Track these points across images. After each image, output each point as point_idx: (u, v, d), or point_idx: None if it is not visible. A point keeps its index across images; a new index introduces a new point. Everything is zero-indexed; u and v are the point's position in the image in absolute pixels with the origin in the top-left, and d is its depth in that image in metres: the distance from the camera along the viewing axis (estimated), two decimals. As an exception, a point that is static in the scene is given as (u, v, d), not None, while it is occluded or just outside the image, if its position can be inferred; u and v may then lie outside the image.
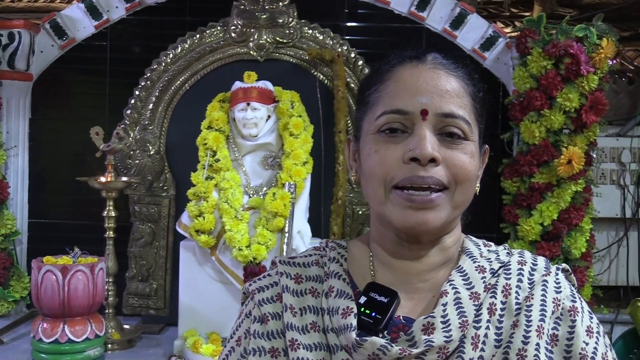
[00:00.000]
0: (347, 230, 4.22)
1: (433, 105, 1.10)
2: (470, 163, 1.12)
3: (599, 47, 3.76)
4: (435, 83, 1.12)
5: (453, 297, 1.11)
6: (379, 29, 4.33)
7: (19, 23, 4.21)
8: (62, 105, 4.48)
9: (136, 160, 4.26)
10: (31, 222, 4.45)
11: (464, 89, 1.15)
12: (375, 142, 1.13)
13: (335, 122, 4.12)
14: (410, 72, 1.14)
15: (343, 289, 1.15)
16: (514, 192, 3.90)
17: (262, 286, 1.21)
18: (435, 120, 1.10)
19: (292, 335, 1.12)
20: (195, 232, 3.71)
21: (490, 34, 4.19)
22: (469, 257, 1.18)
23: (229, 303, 3.75)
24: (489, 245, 1.25)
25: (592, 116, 3.73)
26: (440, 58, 1.16)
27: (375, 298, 1.13)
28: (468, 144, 1.12)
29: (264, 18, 4.23)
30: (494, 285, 1.15)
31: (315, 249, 1.27)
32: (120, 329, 3.92)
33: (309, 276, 1.20)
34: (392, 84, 1.15)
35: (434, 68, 1.14)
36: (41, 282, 3.23)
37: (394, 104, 1.12)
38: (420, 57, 1.16)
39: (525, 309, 1.11)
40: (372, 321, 1.11)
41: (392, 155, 1.10)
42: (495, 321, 1.11)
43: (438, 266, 1.17)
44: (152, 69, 4.29)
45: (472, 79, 1.18)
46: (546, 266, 1.19)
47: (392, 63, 1.17)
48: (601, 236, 4.28)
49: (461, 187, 1.11)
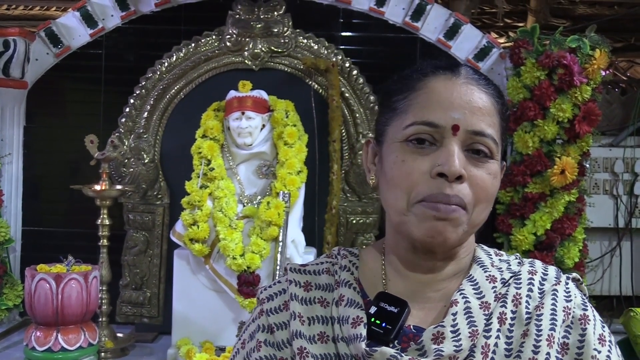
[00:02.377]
0: (341, 239, 4.23)
1: (465, 121, 1.09)
2: (492, 184, 1.12)
3: (592, 57, 3.78)
4: (468, 99, 1.12)
5: (463, 306, 1.11)
6: (374, 39, 4.34)
7: (14, 31, 4.21)
8: (56, 113, 4.48)
9: (130, 169, 4.26)
10: (25, 230, 4.44)
11: (494, 106, 1.14)
12: (403, 152, 1.11)
13: (329, 132, 4.13)
14: (444, 84, 1.13)
15: (353, 298, 1.15)
16: (507, 201, 3.92)
17: (271, 294, 1.20)
18: (465, 136, 1.09)
19: (300, 343, 1.12)
20: (189, 241, 3.71)
21: (484, 45, 4.21)
22: (480, 266, 1.18)
23: (223, 312, 3.74)
24: (500, 254, 1.24)
25: (585, 126, 3.75)
26: (473, 73, 1.16)
27: (386, 308, 1.13)
28: (492, 163, 1.12)
29: (259, 27, 4.25)
30: (505, 295, 1.14)
31: (327, 256, 1.26)
32: (113, 338, 3.91)
33: (318, 284, 1.19)
34: (423, 94, 1.13)
35: (468, 83, 1.14)
36: (35, 290, 3.22)
37: (425, 116, 1.11)
38: (454, 69, 1.15)
39: (536, 318, 1.11)
40: (382, 331, 1.10)
41: (419, 167, 1.09)
42: (505, 331, 1.10)
43: (451, 276, 1.17)
44: (147, 77, 4.29)
45: (501, 97, 1.18)
46: (557, 275, 1.19)
47: (424, 72, 1.16)
48: (594, 246, 4.30)
49: (479, 206, 1.11)
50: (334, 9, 4.34)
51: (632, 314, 3.32)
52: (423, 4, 4.22)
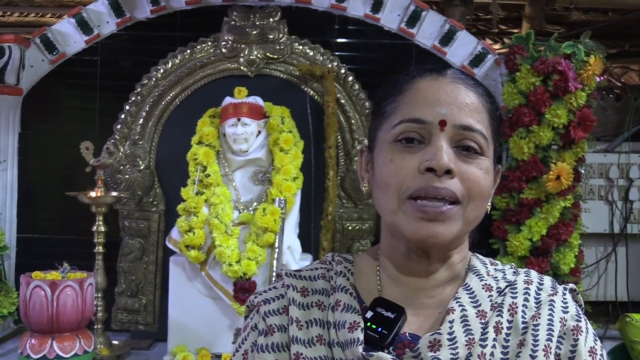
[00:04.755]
0: (337, 245, 4.23)
1: (452, 116, 1.10)
2: (485, 179, 1.12)
3: (587, 64, 3.79)
4: (455, 96, 1.13)
5: (460, 314, 1.11)
6: (369, 45, 4.35)
7: (10, 38, 4.21)
8: (52, 119, 4.48)
9: (126, 175, 4.26)
10: (20, 237, 4.43)
11: (483, 105, 1.15)
12: (391, 151, 1.12)
13: (325, 138, 4.13)
14: (430, 84, 1.15)
15: (350, 303, 1.15)
16: (503, 207, 3.92)
17: (268, 298, 1.20)
18: (453, 132, 1.10)
19: (297, 348, 1.12)
20: (185, 248, 3.71)
21: (480, 51, 4.22)
22: (476, 275, 1.18)
23: (219, 318, 3.74)
24: (495, 263, 1.24)
25: (580, 132, 3.76)
26: (460, 73, 1.17)
27: (382, 313, 1.13)
28: (483, 159, 1.12)
29: (254, 34, 4.25)
30: (500, 304, 1.14)
31: (321, 262, 1.26)
32: (109, 345, 3.89)
33: (315, 289, 1.19)
34: (410, 94, 1.15)
35: (454, 82, 1.15)
36: (30, 298, 3.21)
37: (412, 113, 1.12)
38: (441, 71, 1.17)
39: (532, 328, 1.11)
40: (379, 336, 1.11)
41: (408, 164, 1.09)
42: (501, 340, 1.11)
43: (445, 282, 1.17)
44: (143, 84, 4.29)
45: (490, 97, 1.19)
46: (552, 286, 1.19)
47: (411, 75, 1.17)
48: (590, 251, 4.30)
49: (474, 202, 1.11)
50: (329, 15, 4.35)
51: (628, 319, 3.33)
52: (418, 10, 4.24)
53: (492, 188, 1.17)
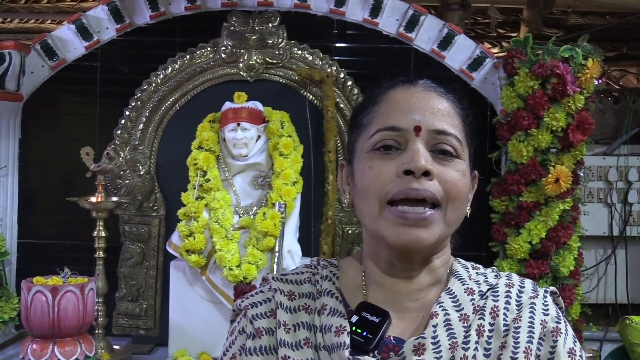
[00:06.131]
0: (337, 249, 4.23)
1: (426, 122, 1.13)
2: (462, 180, 1.14)
3: (585, 67, 3.80)
4: (427, 102, 1.16)
5: (443, 318, 1.13)
6: (368, 50, 4.36)
7: (10, 44, 4.21)
8: (52, 125, 4.48)
9: (126, 180, 4.27)
10: (20, 243, 4.43)
11: (455, 110, 1.18)
12: (370, 159, 1.15)
13: (324, 142, 4.14)
14: (403, 93, 1.18)
15: (336, 307, 1.16)
16: (502, 210, 3.92)
17: (256, 302, 1.22)
18: (428, 136, 1.13)
19: (284, 352, 1.13)
20: (185, 252, 3.72)
21: (478, 55, 4.23)
22: (458, 279, 1.20)
23: (220, 323, 3.74)
24: (477, 267, 1.26)
25: (579, 135, 3.77)
26: (431, 82, 1.21)
27: (367, 317, 1.14)
28: (459, 162, 1.15)
29: (253, 39, 4.26)
30: (483, 307, 1.16)
31: (307, 266, 1.28)
32: (110, 350, 3.90)
33: (302, 293, 1.21)
34: (385, 104, 1.18)
35: (426, 90, 1.19)
36: (31, 303, 3.21)
37: (387, 122, 1.15)
38: (412, 81, 1.21)
39: (514, 331, 1.13)
40: (363, 340, 1.12)
41: (387, 170, 1.12)
42: (483, 342, 1.12)
43: (427, 286, 1.19)
44: (143, 89, 4.30)
45: (462, 103, 1.22)
46: (533, 288, 1.21)
47: (384, 87, 1.22)
48: (589, 254, 4.31)
49: (452, 204, 1.13)
50: (328, 20, 4.36)
51: (628, 322, 3.34)
52: (417, 14, 4.25)
53: (470, 191, 1.20)
